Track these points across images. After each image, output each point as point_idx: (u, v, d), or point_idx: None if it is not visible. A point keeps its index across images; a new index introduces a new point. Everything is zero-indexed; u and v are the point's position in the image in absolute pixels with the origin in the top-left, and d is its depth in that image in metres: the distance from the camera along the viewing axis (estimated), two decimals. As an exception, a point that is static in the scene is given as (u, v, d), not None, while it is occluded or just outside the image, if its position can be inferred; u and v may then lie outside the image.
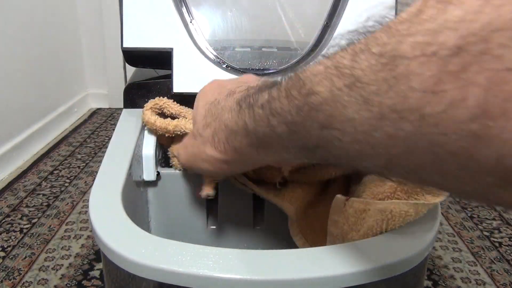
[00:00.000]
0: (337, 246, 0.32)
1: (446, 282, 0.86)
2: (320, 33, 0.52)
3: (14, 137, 1.34)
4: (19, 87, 1.38)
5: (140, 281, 0.31)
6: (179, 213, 0.49)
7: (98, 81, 1.89)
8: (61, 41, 1.66)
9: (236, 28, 0.54)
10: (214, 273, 0.29)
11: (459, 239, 1.00)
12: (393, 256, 0.30)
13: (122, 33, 0.51)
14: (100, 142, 1.51)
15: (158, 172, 0.47)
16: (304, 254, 0.31)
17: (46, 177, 1.24)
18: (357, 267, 0.29)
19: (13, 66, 1.34)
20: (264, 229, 0.48)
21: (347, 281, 0.29)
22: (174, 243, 0.31)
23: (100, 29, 1.80)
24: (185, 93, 0.50)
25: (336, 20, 0.51)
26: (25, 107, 1.41)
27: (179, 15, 0.51)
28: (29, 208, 1.08)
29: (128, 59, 0.54)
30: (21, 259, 0.89)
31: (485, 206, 1.13)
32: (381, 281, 0.30)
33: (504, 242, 0.99)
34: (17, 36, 1.36)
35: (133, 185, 0.43)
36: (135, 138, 0.45)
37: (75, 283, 0.82)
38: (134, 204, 0.43)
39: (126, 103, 0.52)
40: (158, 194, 0.48)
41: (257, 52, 0.53)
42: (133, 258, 0.30)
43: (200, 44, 0.51)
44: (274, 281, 0.29)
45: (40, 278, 0.83)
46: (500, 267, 0.90)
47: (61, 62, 1.67)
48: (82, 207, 1.09)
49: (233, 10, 0.54)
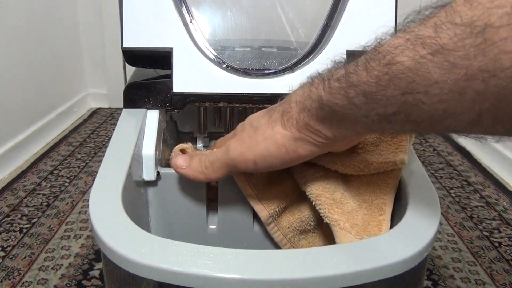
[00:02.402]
0: (337, 246, 0.32)
1: (446, 282, 0.86)
2: (320, 33, 0.52)
3: (14, 137, 1.34)
4: (19, 87, 1.38)
5: (140, 281, 0.31)
6: (179, 213, 0.49)
7: (98, 81, 1.89)
8: (61, 41, 1.66)
9: (236, 28, 0.54)
10: (214, 273, 0.29)
11: (459, 239, 1.00)
12: (393, 256, 0.30)
13: (122, 33, 0.51)
14: (100, 142, 1.51)
15: (158, 172, 0.47)
16: (304, 254, 0.31)
17: (46, 177, 1.24)
18: (357, 267, 0.29)
19: (13, 66, 1.34)
20: (264, 229, 0.48)
21: (347, 281, 0.29)
22: (174, 243, 0.31)
23: (100, 29, 1.80)
24: (185, 93, 0.50)
25: (336, 20, 0.51)
26: (25, 107, 1.41)
27: (179, 15, 0.51)
28: (28, 208, 1.08)
29: (128, 59, 0.54)
30: (21, 259, 0.89)
31: (485, 207, 1.13)
32: (381, 281, 0.30)
33: (504, 242, 0.99)
34: (17, 36, 1.36)
35: (133, 185, 0.43)
36: (135, 138, 0.45)
37: (75, 283, 0.82)
38: (134, 204, 0.43)
39: (126, 103, 0.52)
40: (158, 194, 0.48)
41: (257, 52, 0.53)
42: (133, 258, 0.30)
43: (200, 44, 0.51)
44: (274, 281, 0.29)
45: (40, 278, 0.83)
46: (499, 267, 0.90)
47: (61, 62, 1.67)
48: (82, 207, 1.09)
49: (233, 10, 0.54)
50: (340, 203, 0.39)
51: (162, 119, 0.52)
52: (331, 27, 0.52)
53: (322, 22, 0.52)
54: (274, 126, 0.36)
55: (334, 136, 0.34)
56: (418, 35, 0.24)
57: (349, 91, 0.29)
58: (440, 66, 0.23)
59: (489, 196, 1.20)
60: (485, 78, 0.22)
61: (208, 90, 0.50)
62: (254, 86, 0.50)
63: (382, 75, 0.26)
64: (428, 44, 0.24)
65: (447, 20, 0.23)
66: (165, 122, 0.54)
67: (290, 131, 0.35)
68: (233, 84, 0.50)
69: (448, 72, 0.23)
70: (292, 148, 0.35)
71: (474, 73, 0.22)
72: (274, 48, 0.54)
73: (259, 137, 0.36)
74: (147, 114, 0.51)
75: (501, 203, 1.16)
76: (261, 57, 0.52)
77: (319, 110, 0.32)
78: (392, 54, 0.26)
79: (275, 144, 0.35)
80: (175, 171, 0.43)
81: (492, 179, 1.29)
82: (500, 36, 0.21)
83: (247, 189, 0.45)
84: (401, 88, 0.26)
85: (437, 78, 0.24)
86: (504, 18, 0.21)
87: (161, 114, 0.52)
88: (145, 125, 0.49)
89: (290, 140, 0.35)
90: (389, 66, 0.26)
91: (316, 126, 0.33)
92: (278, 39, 0.55)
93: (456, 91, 0.23)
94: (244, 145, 0.38)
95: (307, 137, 0.34)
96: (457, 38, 0.22)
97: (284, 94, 0.38)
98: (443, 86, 0.24)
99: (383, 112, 0.28)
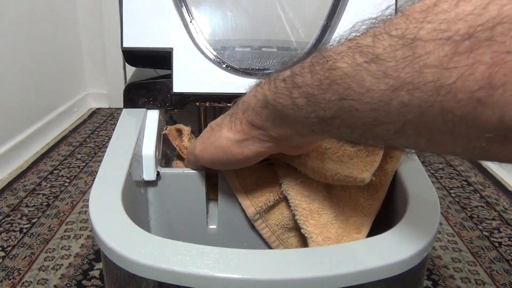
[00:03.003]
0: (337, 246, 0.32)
1: (446, 282, 0.86)
2: (320, 33, 0.52)
3: (14, 137, 1.34)
4: (19, 87, 1.38)
5: (140, 281, 0.31)
6: (179, 213, 0.49)
7: (98, 81, 1.89)
8: (61, 41, 1.66)
9: (236, 28, 0.54)
10: (214, 273, 0.29)
11: (459, 239, 1.00)
12: (393, 256, 0.30)
13: (122, 33, 0.51)
14: (100, 142, 1.51)
15: (158, 172, 0.47)
16: (304, 254, 0.31)
17: (46, 177, 1.24)
18: (357, 267, 0.29)
19: (13, 66, 1.34)
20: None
21: (347, 281, 0.29)
22: (174, 243, 0.31)
23: (100, 29, 1.80)
24: (185, 93, 0.50)
25: (336, 20, 0.51)
26: (25, 107, 1.41)
27: (179, 15, 0.51)
28: (29, 208, 1.08)
29: (128, 59, 0.54)
30: (21, 259, 0.89)
31: (485, 207, 1.13)
32: (381, 281, 0.30)
33: (504, 242, 0.99)
34: (17, 36, 1.36)
35: (133, 185, 0.43)
36: (135, 138, 0.45)
37: (75, 283, 0.82)
38: (134, 204, 0.43)
39: (126, 103, 0.52)
40: (158, 194, 0.48)
41: (257, 52, 0.53)
42: (133, 258, 0.30)
43: (200, 44, 0.51)
44: (274, 281, 0.29)
45: (40, 278, 0.83)
46: (499, 267, 0.90)
47: (61, 62, 1.67)
48: (82, 207, 1.09)
49: (233, 10, 0.54)
50: (316, 214, 0.40)
51: (162, 119, 0.52)
52: (331, 27, 0.52)
53: (322, 22, 0.52)
54: (221, 130, 0.37)
55: (278, 135, 0.35)
56: (358, 43, 0.25)
57: (293, 92, 0.30)
58: (372, 75, 0.24)
59: (489, 196, 1.20)
60: (410, 90, 0.22)
61: (208, 90, 0.50)
62: (254, 86, 0.50)
63: (323, 79, 0.27)
64: (365, 52, 0.25)
65: (384, 31, 0.24)
66: (165, 122, 0.54)
67: (234, 134, 0.36)
68: (233, 84, 0.50)
69: (379, 82, 0.24)
70: (237, 151, 0.37)
71: (400, 84, 0.23)
72: (274, 48, 0.54)
73: (211, 139, 0.39)
74: (147, 114, 0.51)
75: (501, 203, 1.16)
76: (261, 57, 0.52)
77: (263, 108, 0.34)
78: (334, 59, 0.27)
79: (220, 148, 0.37)
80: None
81: (492, 179, 1.29)
82: (426, 50, 0.21)
83: (235, 183, 0.45)
84: (339, 93, 0.26)
85: (369, 86, 0.24)
86: (432, 33, 0.21)
87: (161, 114, 0.52)
88: (145, 125, 0.49)
89: (234, 142, 0.36)
90: (330, 70, 0.27)
91: (258, 124, 0.35)
92: (278, 39, 0.55)
93: (384, 100, 0.24)
94: (202, 144, 0.41)
95: (251, 137, 0.36)
96: (390, 48, 0.23)
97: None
98: (373, 95, 0.24)
99: (322, 115, 0.29)
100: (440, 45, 0.21)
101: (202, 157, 0.41)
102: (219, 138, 0.37)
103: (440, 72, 0.21)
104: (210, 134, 0.40)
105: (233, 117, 0.37)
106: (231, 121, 0.37)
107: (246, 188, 0.45)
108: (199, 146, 0.41)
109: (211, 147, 0.39)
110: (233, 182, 0.45)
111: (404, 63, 0.22)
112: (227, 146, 0.37)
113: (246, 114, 0.35)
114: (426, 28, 0.22)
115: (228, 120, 0.37)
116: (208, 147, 0.40)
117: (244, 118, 0.35)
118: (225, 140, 0.37)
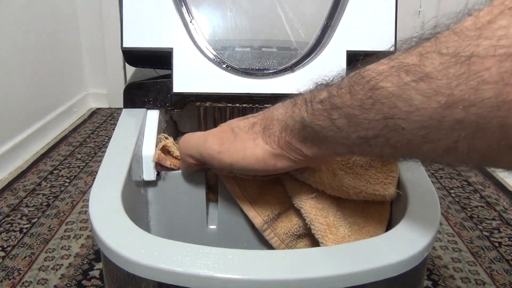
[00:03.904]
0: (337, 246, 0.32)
1: (446, 282, 0.86)
2: (320, 33, 0.52)
3: (14, 137, 1.34)
4: (19, 87, 1.38)
5: (140, 281, 0.31)
6: (179, 213, 0.49)
7: (98, 81, 1.89)
8: (61, 41, 1.66)
9: (236, 28, 0.54)
10: (214, 273, 0.29)
11: (459, 239, 1.00)
12: (393, 256, 0.30)
13: (122, 33, 0.51)
14: (100, 142, 1.51)
15: (158, 172, 0.47)
16: (304, 254, 0.31)
17: (46, 177, 1.24)
18: (357, 267, 0.29)
19: (13, 66, 1.34)
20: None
21: (347, 281, 0.29)
22: (174, 243, 0.31)
23: (100, 29, 1.80)
24: (185, 93, 0.50)
25: (336, 20, 0.51)
26: (25, 107, 1.41)
27: (179, 15, 0.51)
28: (28, 208, 1.08)
29: (128, 59, 0.54)
30: (21, 259, 0.89)
31: (485, 207, 1.13)
32: (381, 281, 0.30)
33: (504, 242, 0.99)
34: (17, 36, 1.36)
35: (133, 185, 0.43)
36: (135, 138, 0.45)
37: (75, 283, 0.82)
38: (134, 204, 0.43)
39: (126, 103, 0.52)
40: (158, 194, 0.48)
41: (257, 52, 0.53)
42: (133, 258, 0.30)
43: (200, 44, 0.51)
44: (274, 281, 0.29)
45: (40, 278, 0.83)
46: (499, 267, 0.90)
47: (61, 62, 1.67)
48: (82, 207, 1.09)
49: (233, 10, 0.54)
50: (334, 227, 0.40)
51: (162, 119, 0.52)
52: (331, 27, 0.52)
53: (322, 22, 0.52)
54: (256, 139, 0.37)
55: (313, 154, 0.35)
56: (402, 62, 0.25)
57: (332, 113, 0.30)
58: (422, 93, 0.24)
59: (489, 196, 1.20)
60: (465, 106, 0.22)
61: (208, 90, 0.50)
62: (254, 86, 0.50)
63: (365, 99, 0.27)
64: (412, 71, 0.24)
65: (432, 49, 0.24)
66: (165, 122, 0.54)
67: (271, 147, 0.36)
68: (233, 84, 0.50)
69: (430, 100, 0.24)
70: (271, 162, 0.36)
71: (454, 101, 0.23)
72: (274, 48, 0.54)
73: (238, 144, 0.37)
74: (147, 114, 0.51)
75: (501, 203, 1.16)
76: (261, 57, 0.52)
77: (301, 130, 0.34)
78: (376, 79, 0.27)
79: (254, 156, 0.37)
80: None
81: (492, 179, 1.29)
82: (485, 66, 0.21)
83: (235, 190, 0.45)
84: (383, 112, 0.26)
85: (418, 104, 0.24)
86: (489, 50, 0.21)
87: (161, 114, 0.52)
88: (145, 125, 0.49)
89: (270, 154, 0.36)
90: (373, 90, 0.27)
91: (297, 145, 0.35)
92: (278, 39, 0.55)
93: (436, 118, 0.24)
94: (222, 145, 0.38)
95: (287, 154, 0.36)
96: (441, 67, 0.23)
97: (282, 94, 0.39)
98: (423, 113, 0.24)
99: (364, 135, 0.28)
100: (500, 61, 0.21)
101: (220, 159, 0.38)
102: (254, 146, 0.36)
103: (500, 88, 0.21)
104: (235, 139, 0.38)
105: (267, 131, 0.36)
106: (265, 134, 0.36)
107: (250, 199, 0.44)
108: (217, 147, 0.38)
109: (236, 152, 0.37)
110: (233, 188, 0.45)
111: (458, 81, 0.22)
112: (262, 156, 0.36)
113: (284, 134, 0.35)
114: (483, 44, 0.22)
115: (262, 131, 0.36)
116: (231, 151, 0.38)
117: (282, 138, 0.35)
118: (261, 151, 0.36)
